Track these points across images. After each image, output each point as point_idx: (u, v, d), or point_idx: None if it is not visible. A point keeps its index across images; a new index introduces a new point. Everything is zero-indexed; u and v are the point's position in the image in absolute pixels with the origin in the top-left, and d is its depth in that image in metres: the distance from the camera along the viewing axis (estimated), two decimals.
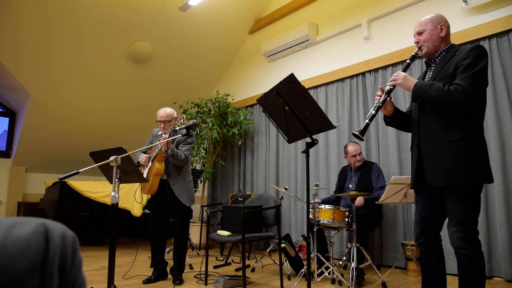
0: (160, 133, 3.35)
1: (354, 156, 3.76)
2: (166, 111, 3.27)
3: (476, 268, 1.85)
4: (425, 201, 2.06)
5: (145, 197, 3.64)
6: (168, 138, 2.97)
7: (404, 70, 2.07)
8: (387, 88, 2.05)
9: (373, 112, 2.01)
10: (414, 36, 2.12)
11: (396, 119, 2.17)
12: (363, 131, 1.98)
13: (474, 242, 1.86)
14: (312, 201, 3.53)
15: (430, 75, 2.07)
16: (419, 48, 2.08)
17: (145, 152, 3.34)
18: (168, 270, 3.37)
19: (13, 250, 0.45)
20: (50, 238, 0.48)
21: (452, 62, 1.95)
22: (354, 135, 2.00)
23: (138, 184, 3.32)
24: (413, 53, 2.10)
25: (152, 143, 3.36)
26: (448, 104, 1.86)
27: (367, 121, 2.00)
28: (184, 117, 2.93)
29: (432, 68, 2.08)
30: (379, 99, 2.04)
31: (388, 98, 2.07)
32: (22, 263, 0.45)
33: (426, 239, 2.06)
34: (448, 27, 2.10)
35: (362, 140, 2.02)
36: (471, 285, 1.87)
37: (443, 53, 2.05)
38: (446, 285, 2.07)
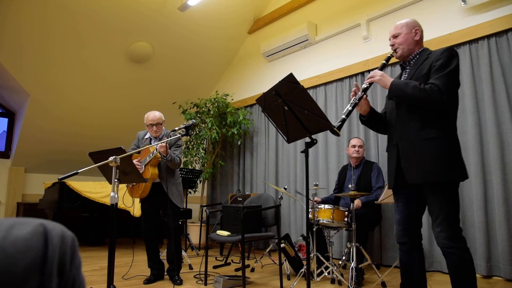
0: (148, 136, 3.35)
1: (354, 146, 3.78)
2: (156, 115, 3.26)
3: (466, 266, 1.89)
4: (404, 199, 2.11)
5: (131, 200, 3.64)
6: (165, 141, 2.95)
7: (381, 70, 2.14)
8: (364, 85, 2.12)
9: (350, 108, 2.08)
10: (390, 39, 2.21)
11: (371, 119, 2.24)
12: (340, 126, 2.06)
13: (459, 239, 1.91)
14: (311, 199, 3.54)
15: (405, 77, 2.15)
16: (395, 50, 2.17)
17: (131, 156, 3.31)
18: (165, 271, 3.38)
19: (12, 251, 0.45)
20: (49, 239, 0.48)
21: (426, 64, 2.03)
22: (331, 130, 2.07)
23: (126, 188, 3.34)
24: (389, 55, 2.18)
25: (138, 146, 3.36)
26: (423, 102, 1.93)
27: (343, 116, 2.07)
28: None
29: (407, 70, 2.17)
30: (355, 96, 2.11)
31: (365, 96, 2.13)
32: (21, 263, 0.45)
33: (409, 238, 2.10)
34: (422, 31, 2.18)
35: (338, 135, 2.10)
36: (464, 284, 1.90)
37: (417, 56, 2.14)
38: (426, 285, 2.11)
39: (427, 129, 1.95)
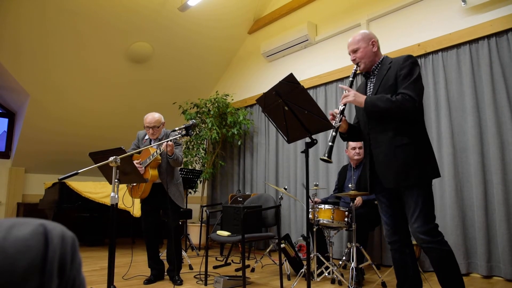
0: (147, 137, 3.34)
1: (354, 148, 3.77)
2: (154, 117, 3.23)
3: (448, 258, 1.95)
4: (386, 200, 2.19)
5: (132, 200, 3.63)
6: (168, 139, 2.93)
7: (350, 86, 2.21)
8: (341, 108, 2.19)
9: (334, 133, 2.16)
10: (350, 54, 2.28)
11: (350, 134, 2.33)
12: (330, 153, 2.12)
13: (437, 234, 1.98)
14: (311, 200, 3.54)
15: (371, 87, 2.23)
16: (357, 64, 2.24)
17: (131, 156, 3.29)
18: (166, 271, 3.38)
19: (12, 251, 0.45)
20: (50, 239, 0.48)
21: (391, 74, 2.11)
22: (322, 159, 2.11)
23: (126, 188, 3.33)
24: (353, 70, 2.26)
25: (138, 146, 3.35)
26: (399, 112, 2.01)
27: (330, 143, 2.13)
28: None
29: (373, 80, 2.24)
30: (336, 121, 2.17)
31: (343, 117, 2.21)
32: (21, 263, 0.44)
33: (399, 236, 2.16)
34: (378, 41, 2.27)
35: (330, 162, 2.17)
36: (451, 277, 1.95)
37: (379, 66, 2.22)
38: (421, 281, 2.17)
39: (399, 137, 2.05)
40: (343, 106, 2.18)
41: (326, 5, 5.10)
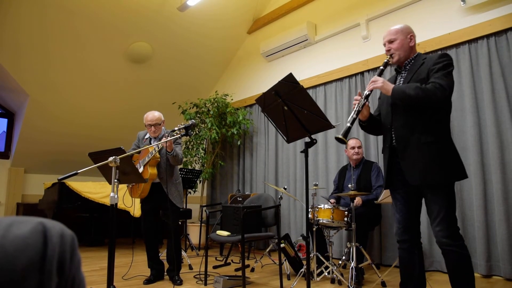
0: (148, 136, 3.35)
1: (353, 148, 3.77)
2: (155, 115, 3.26)
3: (465, 263, 1.95)
4: (403, 198, 2.16)
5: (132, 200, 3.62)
6: (168, 139, 2.95)
7: (379, 75, 2.16)
8: (366, 92, 2.13)
9: (354, 115, 2.10)
10: (385, 45, 2.22)
11: (370, 123, 2.28)
12: (346, 134, 2.05)
13: (458, 237, 1.97)
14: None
15: (401, 81, 2.17)
16: (391, 55, 2.20)
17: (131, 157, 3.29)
18: (165, 271, 3.38)
19: (11, 249, 0.45)
20: (49, 237, 0.48)
21: (424, 68, 2.07)
22: (337, 138, 2.05)
23: (125, 188, 3.33)
24: (386, 60, 2.21)
25: (138, 146, 3.36)
26: (427, 100, 1.95)
27: (348, 124, 2.07)
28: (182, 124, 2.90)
29: (403, 75, 2.20)
30: (358, 103, 2.12)
31: (367, 103, 2.15)
32: (20, 262, 0.44)
33: (410, 236, 2.15)
34: (415, 37, 2.23)
35: (345, 143, 2.12)
36: (463, 281, 1.96)
37: (412, 61, 2.19)
38: (426, 282, 2.17)
39: (425, 134, 2.01)
40: (369, 92, 2.12)
41: (325, 5, 5.10)
